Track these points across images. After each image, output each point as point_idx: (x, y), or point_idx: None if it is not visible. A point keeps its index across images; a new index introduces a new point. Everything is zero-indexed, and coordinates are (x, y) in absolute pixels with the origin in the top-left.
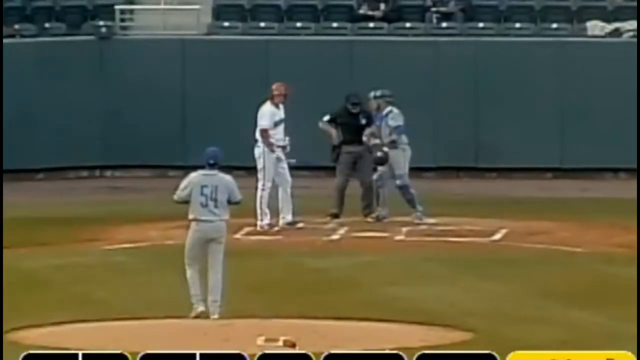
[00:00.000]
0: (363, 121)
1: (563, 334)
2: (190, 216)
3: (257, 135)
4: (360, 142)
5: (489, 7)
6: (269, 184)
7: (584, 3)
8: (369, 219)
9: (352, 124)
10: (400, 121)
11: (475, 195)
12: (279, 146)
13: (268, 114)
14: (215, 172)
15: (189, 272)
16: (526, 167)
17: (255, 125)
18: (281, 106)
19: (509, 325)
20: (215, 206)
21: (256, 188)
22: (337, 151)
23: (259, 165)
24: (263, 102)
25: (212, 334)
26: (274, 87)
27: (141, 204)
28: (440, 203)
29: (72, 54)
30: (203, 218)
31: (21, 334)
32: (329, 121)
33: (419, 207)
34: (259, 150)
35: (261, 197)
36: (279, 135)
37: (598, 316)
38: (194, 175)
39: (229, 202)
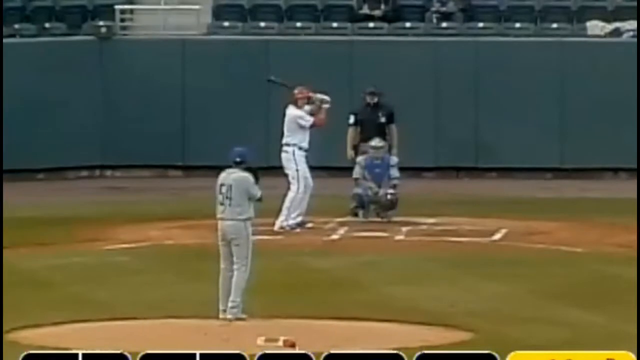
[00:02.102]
0: (382, 119)
1: (563, 334)
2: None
3: (285, 139)
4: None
5: (489, 7)
6: (302, 187)
7: (584, 3)
8: (379, 218)
9: (370, 121)
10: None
11: (475, 195)
12: (306, 150)
13: (302, 113)
14: (234, 170)
15: (220, 276)
16: (526, 167)
17: (282, 130)
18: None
19: (509, 325)
20: (230, 205)
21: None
22: (356, 149)
23: (291, 170)
24: (286, 106)
25: (212, 334)
26: (296, 91)
27: (141, 204)
28: (440, 203)
29: (72, 54)
30: (220, 216)
31: (21, 334)
32: (355, 123)
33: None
34: (287, 155)
35: (293, 199)
36: (306, 138)
37: (598, 316)
38: (220, 175)
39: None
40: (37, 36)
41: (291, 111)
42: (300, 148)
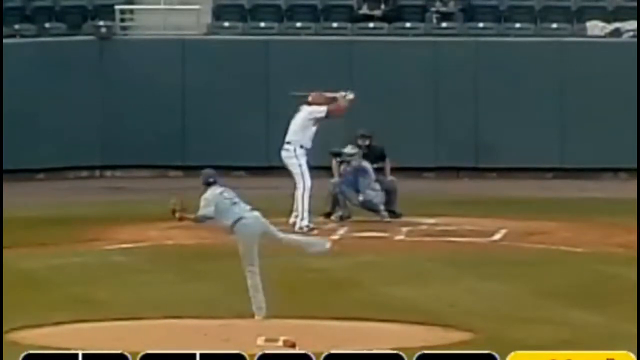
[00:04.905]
0: (375, 165)
1: (563, 334)
2: (232, 220)
3: (288, 137)
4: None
5: (489, 7)
6: (308, 182)
7: (584, 3)
8: (386, 219)
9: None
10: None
11: (475, 195)
12: (307, 149)
13: (317, 108)
14: (217, 185)
15: (250, 282)
16: (526, 167)
17: (286, 129)
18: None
19: (509, 325)
20: (241, 201)
21: (299, 189)
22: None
23: (294, 168)
24: (300, 105)
25: (212, 334)
26: (310, 98)
27: (141, 204)
28: (440, 203)
29: (72, 54)
30: (243, 213)
31: (21, 334)
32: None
33: (382, 209)
34: (288, 153)
35: (302, 196)
36: (309, 138)
37: (598, 316)
38: (209, 192)
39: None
40: (37, 36)
41: (305, 108)
42: (301, 146)
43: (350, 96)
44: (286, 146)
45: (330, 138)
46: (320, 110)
